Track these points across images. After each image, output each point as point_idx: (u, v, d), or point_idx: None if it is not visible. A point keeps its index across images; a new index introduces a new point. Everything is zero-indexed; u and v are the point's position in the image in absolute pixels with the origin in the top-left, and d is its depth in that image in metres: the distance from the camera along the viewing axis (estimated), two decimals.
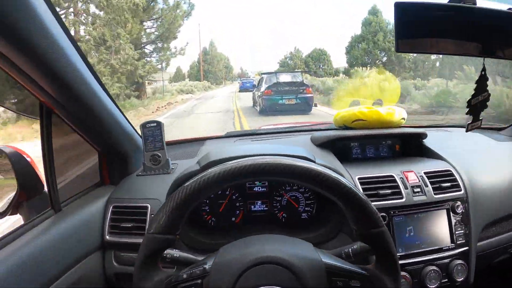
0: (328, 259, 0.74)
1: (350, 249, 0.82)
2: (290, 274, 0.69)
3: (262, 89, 12.48)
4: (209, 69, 50.38)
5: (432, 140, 1.47)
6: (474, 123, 1.07)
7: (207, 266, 0.73)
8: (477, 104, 1.04)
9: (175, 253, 0.82)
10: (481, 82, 1.02)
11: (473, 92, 1.03)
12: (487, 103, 1.05)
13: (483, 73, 1.01)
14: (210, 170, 0.72)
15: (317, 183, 0.72)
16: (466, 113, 1.06)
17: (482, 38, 0.93)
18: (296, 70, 26.28)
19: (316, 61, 33.31)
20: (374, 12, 22.52)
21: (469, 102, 1.04)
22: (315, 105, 12.43)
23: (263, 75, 14.32)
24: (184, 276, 0.73)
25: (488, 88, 1.04)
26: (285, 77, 13.08)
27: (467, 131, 1.08)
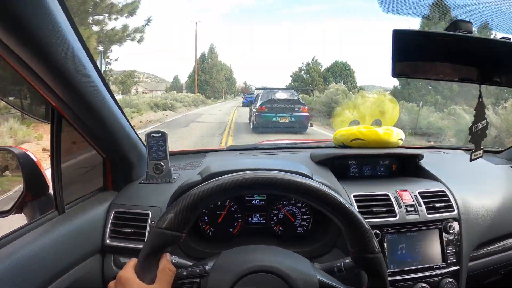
0: (322, 277, 0.77)
1: (342, 263, 0.85)
2: (285, 285, 0.72)
3: (257, 105, 12.26)
4: (206, 80, 46.77)
5: (429, 161, 1.50)
6: (477, 152, 1.09)
7: (207, 267, 0.76)
8: (478, 131, 1.06)
9: (173, 258, 0.85)
10: (479, 109, 1.05)
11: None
12: (486, 131, 1.07)
13: (480, 100, 1.04)
14: (223, 177, 0.75)
15: (320, 201, 0.75)
16: (469, 141, 1.08)
17: (478, 65, 0.96)
18: (291, 88, 26.47)
19: (337, 76, 30.52)
20: None
21: (470, 129, 1.06)
22: (311, 125, 12.29)
23: (260, 91, 14.03)
24: (184, 273, 0.77)
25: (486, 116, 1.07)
26: (281, 94, 12.71)
27: (471, 160, 1.10)
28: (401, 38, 0.89)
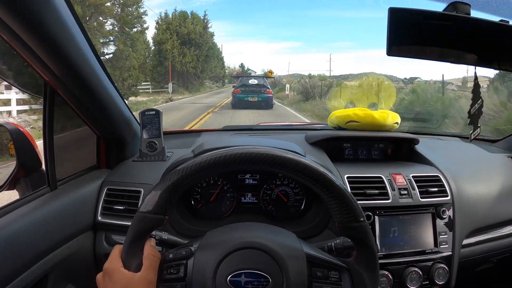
0: (309, 250, 0.77)
1: (333, 243, 0.85)
2: (271, 260, 0.72)
3: (234, 89, 17.13)
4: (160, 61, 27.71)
5: (424, 146, 1.50)
6: (475, 131, 1.08)
7: (192, 248, 0.76)
8: (475, 112, 1.06)
9: (164, 235, 0.85)
10: (475, 90, 1.05)
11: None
12: (482, 109, 1.07)
13: (476, 81, 1.04)
14: (202, 155, 0.74)
15: (303, 174, 0.74)
16: (469, 123, 1.08)
17: (474, 48, 0.95)
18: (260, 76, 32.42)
19: None
20: None
21: (469, 112, 1.06)
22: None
23: (239, 78, 19.98)
24: (171, 256, 0.76)
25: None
26: (252, 80, 18.02)
27: (470, 140, 1.10)
28: (397, 16, 0.88)
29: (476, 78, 1.03)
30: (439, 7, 0.91)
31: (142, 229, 0.72)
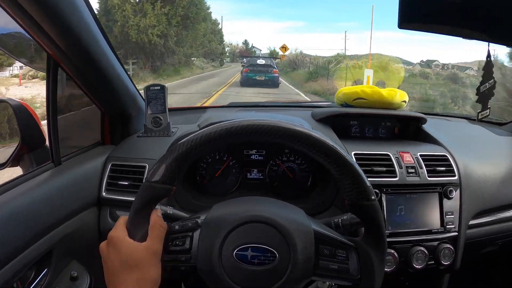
0: (317, 227, 0.75)
1: (340, 220, 0.84)
2: (279, 235, 0.70)
3: (244, 68, 18.76)
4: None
5: (432, 126, 1.48)
6: (484, 111, 1.06)
7: (199, 220, 0.75)
8: (485, 91, 1.04)
9: (169, 209, 0.84)
10: (487, 68, 1.02)
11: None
12: (494, 90, 1.04)
13: (488, 59, 1.01)
14: (211, 127, 0.72)
15: (313, 148, 0.72)
16: (476, 101, 1.06)
17: (489, 23, 0.93)
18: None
19: None
20: None
21: (478, 89, 1.03)
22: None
23: (247, 58, 21.57)
24: (176, 227, 0.75)
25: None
26: (260, 60, 19.58)
27: (478, 120, 1.07)
28: None
29: (489, 55, 1.00)
30: None
31: (149, 198, 0.71)
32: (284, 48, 26.03)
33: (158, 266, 0.70)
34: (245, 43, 54.32)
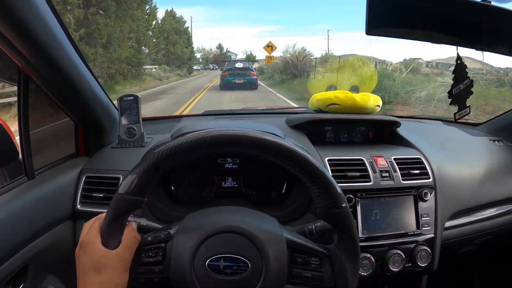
0: (289, 235, 0.76)
1: (313, 226, 0.84)
2: (251, 244, 0.70)
3: (222, 72, 19.09)
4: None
5: (406, 129, 1.50)
6: (461, 111, 1.07)
7: (171, 231, 0.74)
8: (459, 92, 1.05)
9: (142, 221, 0.84)
10: (459, 71, 1.04)
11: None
12: (471, 89, 1.06)
13: (458, 62, 1.03)
14: (180, 137, 0.72)
15: (283, 157, 0.72)
16: (450, 104, 1.07)
17: (458, 28, 0.95)
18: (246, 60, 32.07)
19: None
20: None
21: (450, 92, 1.05)
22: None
23: (226, 62, 21.71)
24: (149, 238, 0.74)
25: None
26: (239, 64, 19.75)
27: (455, 120, 1.09)
28: None
29: (459, 58, 1.03)
30: None
31: (121, 210, 0.71)
32: (269, 47, 20.61)
33: (125, 273, 0.69)
34: (219, 47, 51.51)
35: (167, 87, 19.87)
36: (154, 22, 25.73)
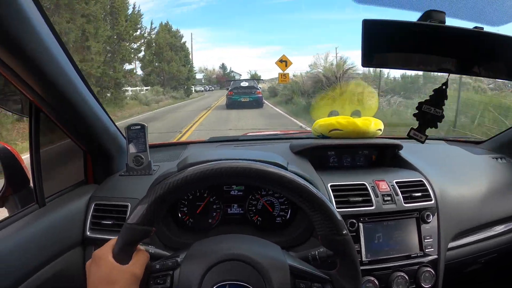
0: (292, 262, 0.78)
1: (316, 252, 0.87)
2: (255, 272, 0.73)
3: (228, 91, 19.58)
4: None
5: (408, 151, 1.52)
6: (419, 134, 1.03)
7: (179, 259, 0.78)
8: (427, 114, 1.00)
9: (150, 249, 0.87)
10: (439, 96, 1.02)
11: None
12: (438, 123, 1.00)
13: (443, 87, 1.03)
14: (186, 170, 0.76)
15: (283, 188, 0.76)
16: (413, 115, 1.03)
17: (450, 56, 0.96)
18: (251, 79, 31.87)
19: None
20: None
21: (420, 104, 1.01)
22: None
23: (231, 81, 22.11)
24: (157, 266, 0.78)
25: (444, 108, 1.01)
26: (244, 83, 20.41)
27: (407, 135, 1.04)
28: (371, 28, 0.88)
29: (445, 84, 1.01)
30: (415, 17, 0.93)
31: (130, 240, 0.74)
32: (283, 62, 15.91)
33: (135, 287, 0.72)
34: (223, 67, 49.83)
35: (148, 117, 15.51)
36: (138, 33, 21.73)
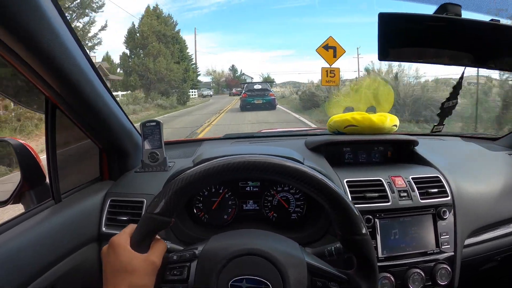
0: (310, 259, 0.78)
1: (333, 248, 0.86)
2: (273, 267, 0.73)
3: (242, 93, 20.29)
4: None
5: (424, 147, 1.50)
6: (440, 126, 1.08)
7: (197, 251, 0.78)
8: (446, 108, 1.06)
9: (166, 243, 0.87)
10: (456, 89, 1.06)
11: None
12: (452, 109, 1.08)
13: (460, 80, 1.04)
14: (208, 163, 0.76)
15: (306, 184, 0.75)
16: (437, 114, 1.08)
17: (469, 48, 0.96)
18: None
19: None
20: None
21: (442, 104, 1.06)
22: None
23: (245, 84, 22.81)
24: (175, 257, 0.78)
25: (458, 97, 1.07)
26: (257, 86, 20.83)
27: (432, 131, 1.10)
28: (387, 22, 0.88)
29: (461, 77, 1.03)
30: (430, 9, 0.92)
31: (149, 229, 0.75)
32: (330, 49, 8.45)
33: (152, 277, 0.73)
34: (233, 69, 44.92)
35: None
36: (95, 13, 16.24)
